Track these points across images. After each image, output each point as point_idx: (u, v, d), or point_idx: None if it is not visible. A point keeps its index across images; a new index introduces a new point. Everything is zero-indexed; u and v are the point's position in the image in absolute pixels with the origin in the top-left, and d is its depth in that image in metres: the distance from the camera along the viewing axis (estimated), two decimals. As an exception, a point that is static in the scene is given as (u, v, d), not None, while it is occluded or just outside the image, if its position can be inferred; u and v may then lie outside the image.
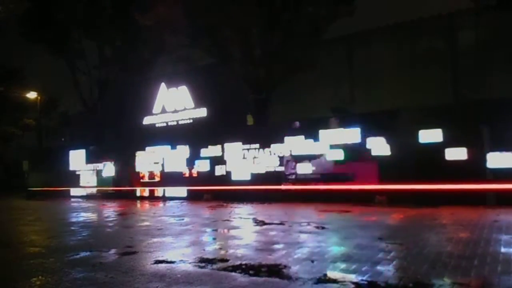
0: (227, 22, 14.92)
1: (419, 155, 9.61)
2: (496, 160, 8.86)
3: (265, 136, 12.49)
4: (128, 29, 19.86)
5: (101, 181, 16.71)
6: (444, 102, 12.55)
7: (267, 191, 12.06)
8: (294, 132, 11.67)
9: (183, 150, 14.34)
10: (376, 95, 15.21)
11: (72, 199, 17.58)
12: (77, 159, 17.72)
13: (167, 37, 18.02)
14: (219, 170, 13.29)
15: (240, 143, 12.91)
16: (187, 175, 14.19)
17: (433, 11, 15.12)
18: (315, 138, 11.28)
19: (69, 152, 18.83)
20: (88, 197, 17.50)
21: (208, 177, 13.53)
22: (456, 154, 9.23)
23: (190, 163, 14.08)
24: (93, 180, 17.25)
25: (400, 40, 15.95)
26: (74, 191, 18.51)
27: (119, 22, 19.90)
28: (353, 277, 3.55)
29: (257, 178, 12.36)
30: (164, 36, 18.14)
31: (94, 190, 17.68)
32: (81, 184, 18.51)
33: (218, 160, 13.32)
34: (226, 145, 13.25)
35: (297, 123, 10.86)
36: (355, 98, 16.51)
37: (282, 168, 11.90)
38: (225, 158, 13.23)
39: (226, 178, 13.05)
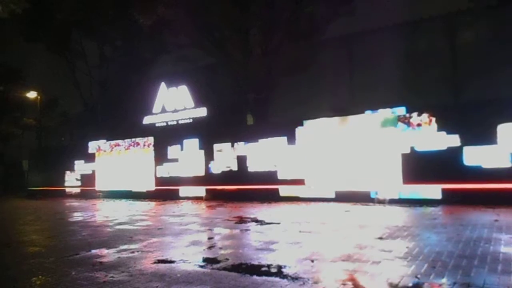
0: (227, 22, 14.94)
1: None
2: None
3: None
4: (128, 29, 19.87)
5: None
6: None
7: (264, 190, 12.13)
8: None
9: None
10: (375, 95, 15.21)
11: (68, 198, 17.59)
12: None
13: (167, 37, 18.06)
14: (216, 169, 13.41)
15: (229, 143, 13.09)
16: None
17: (433, 11, 15.12)
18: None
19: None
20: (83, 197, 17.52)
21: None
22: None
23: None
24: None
25: (400, 40, 15.94)
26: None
27: (119, 22, 19.91)
28: (353, 277, 3.55)
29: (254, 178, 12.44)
30: (164, 36, 18.17)
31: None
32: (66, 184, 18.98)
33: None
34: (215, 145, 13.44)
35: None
36: (354, 98, 16.51)
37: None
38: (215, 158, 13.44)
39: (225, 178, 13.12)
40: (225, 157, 13.16)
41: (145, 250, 5.13)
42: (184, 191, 14.34)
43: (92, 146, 18.02)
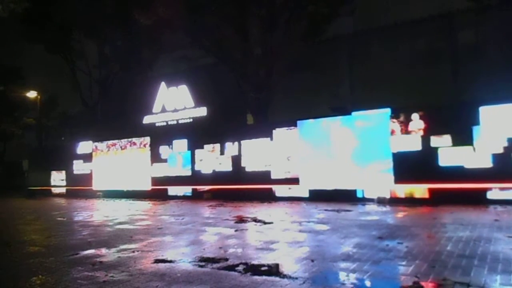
0: (227, 22, 14.94)
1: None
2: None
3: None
4: (128, 29, 19.88)
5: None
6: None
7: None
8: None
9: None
10: (375, 95, 15.22)
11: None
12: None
13: (167, 37, 18.06)
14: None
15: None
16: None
17: (433, 11, 15.12)
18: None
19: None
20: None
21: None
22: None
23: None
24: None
25: (400, 40, 15.95)
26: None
27: (119, 22, 19.91)
28: (353, 277, 3.56)
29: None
30: (164, 35, 18.18)
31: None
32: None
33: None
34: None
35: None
36: (354, 98, 16.52)
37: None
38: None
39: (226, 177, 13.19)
40: (222, 157, 13.33)
41: (145, 250, 5.13)
42: (183, 190, 14.38)
43: (82, 146, 18.27)
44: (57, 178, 19.71)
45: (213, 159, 13.50)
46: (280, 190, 11.95)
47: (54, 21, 20.60)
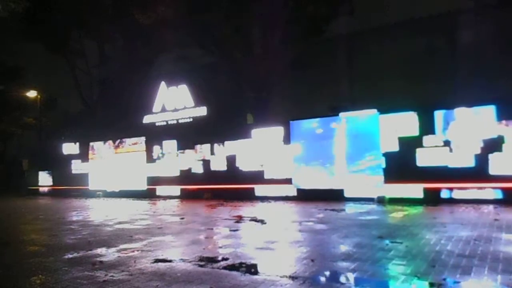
0: (227, 21, 14.95)
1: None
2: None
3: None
4: (128, 29, 19.87)
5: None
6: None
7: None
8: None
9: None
10: (375, 95, 15.20)
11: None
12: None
13: (167, 36, 18.05)
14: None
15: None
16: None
17: (433, 11, 15.12)
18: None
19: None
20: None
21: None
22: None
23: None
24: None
25: (400, 39, 15.93)
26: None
27: (119, 22, 19.90)
28: (353, 276, 3.55)
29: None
30: (164, 35, 18.16)
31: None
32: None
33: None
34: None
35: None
36: (354, 97, 16.50)
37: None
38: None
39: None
40: (220, 157, 13.44)
41: (145, 249, 5.13)
42: (182, 190, 14.41)
43: (66, 147, 18.74)
44: (56, 178, 19.72)
45: (210, 158, 13.66)
46: (277, 190, 12.01)
47: (54, 21, 20.58)
